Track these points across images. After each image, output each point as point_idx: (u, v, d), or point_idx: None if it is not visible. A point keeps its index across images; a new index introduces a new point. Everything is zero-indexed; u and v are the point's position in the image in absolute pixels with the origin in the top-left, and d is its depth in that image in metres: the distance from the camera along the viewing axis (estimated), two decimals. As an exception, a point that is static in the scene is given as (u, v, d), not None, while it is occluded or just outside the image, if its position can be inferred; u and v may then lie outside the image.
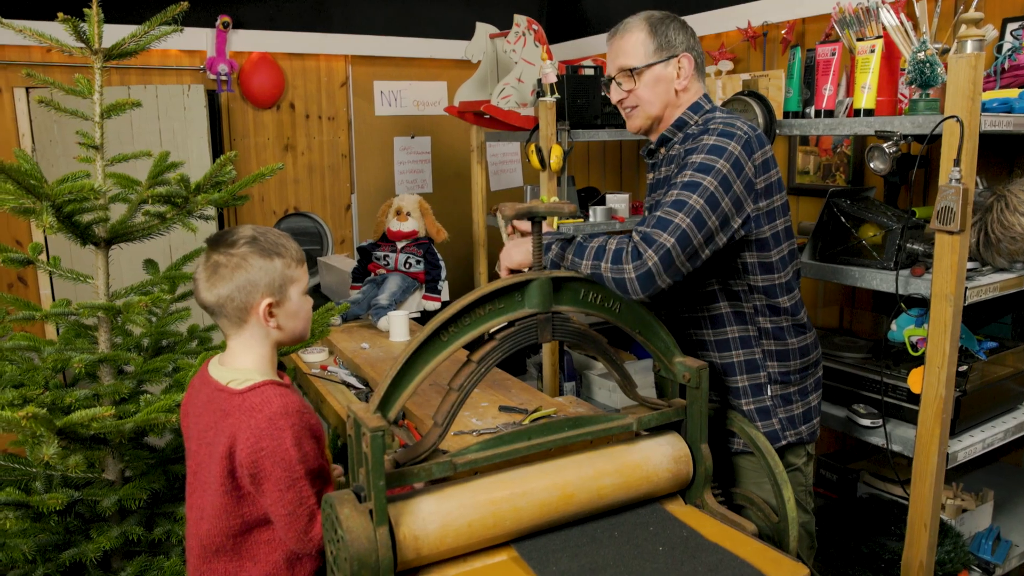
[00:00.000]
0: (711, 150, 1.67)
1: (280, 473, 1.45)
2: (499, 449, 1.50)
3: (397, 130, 4.70)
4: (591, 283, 1.58)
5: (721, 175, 1.63)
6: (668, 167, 1.83)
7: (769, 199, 1.72)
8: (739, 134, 1.69)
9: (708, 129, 1.73)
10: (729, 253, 1.74)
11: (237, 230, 1.57)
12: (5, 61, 3.69)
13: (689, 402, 1.69)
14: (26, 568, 1.99)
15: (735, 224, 1.66)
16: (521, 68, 3.52)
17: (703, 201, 1.60)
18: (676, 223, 1.58)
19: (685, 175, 1.65)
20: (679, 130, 1.85)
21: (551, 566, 1.46)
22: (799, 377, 1.85)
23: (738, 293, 1.79)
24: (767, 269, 1.76)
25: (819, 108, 2.27)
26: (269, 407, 1.47)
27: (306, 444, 1.48)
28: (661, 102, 1.86)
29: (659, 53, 1.83)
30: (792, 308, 1.81)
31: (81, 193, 1.78)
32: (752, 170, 1.68)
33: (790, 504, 1.69)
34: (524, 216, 1.48)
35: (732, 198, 1.64)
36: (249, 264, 1.52)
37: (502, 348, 1.47)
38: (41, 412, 1.58)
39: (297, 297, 1.59)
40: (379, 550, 1.33)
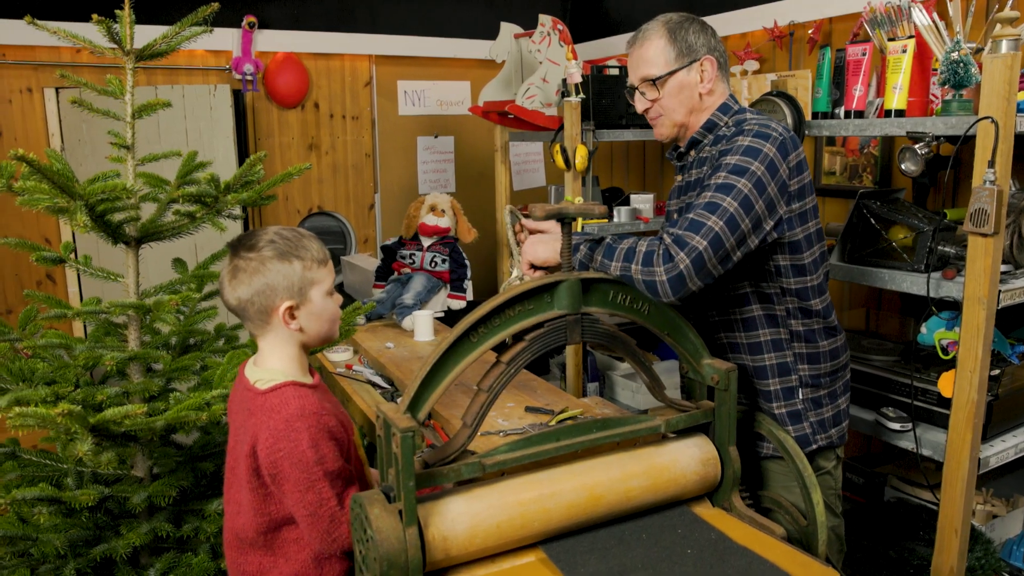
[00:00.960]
0: (746, 151, 1.65)
1: (298, 475, 1.46)
2: (528, 450, 1.50)
3: (420, 130, 4.71)
4: (620, 285, 1.57)
5: (756, 177, 1.61)
6: (699, 169, 1.82)
7: (802, 201, 1.70)
8: (774, 135, 1.67)
9: (743, 130, 1.71)
10: (761, 256, 1.73)
11: (259, 232, 1.57)
12: (36, 62, 3.74)
13: (717, 404, 1.68)
14: (57, 563, 2.02)
15: (767, 226, 1.65)
16: (546, 68, 3.52)
17: (737, 204, 1.58)
18: (709, 225, 1.56)
19: (719, 176, 1.63)
20: (709, 132, 1.83)
21: (579, 568, 1.45)
22: (829, 380, 1.84)
23: (770, 296, 1.78)
24: (799, 272, 1.75)
25: (849, 109, 2.25)
26: (286, 409, 1.48)
27: (324, 446, 1.48)
28: (686, 108, 1.82)
29: (680, 59, 1.79)
30: (824, 311, 1.80)
31: (114, 192, 1.79)
32: (786, 172, 1.66)
33: (819, 508, 1.67)
34: (554, 217, 1.47)
35: (766, 200, 1.62)
36: (267, 268, 1.52)
37: (531, 349, 1.47)
38: (76, 409, 1.60)
39: (319, 298, 1.58)
40: (408, 550, 1.33)
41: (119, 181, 1.83)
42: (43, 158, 1.89)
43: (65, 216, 1.82)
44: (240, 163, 3.96)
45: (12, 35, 3.65)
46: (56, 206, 1.76)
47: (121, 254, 2.11)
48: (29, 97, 3.78)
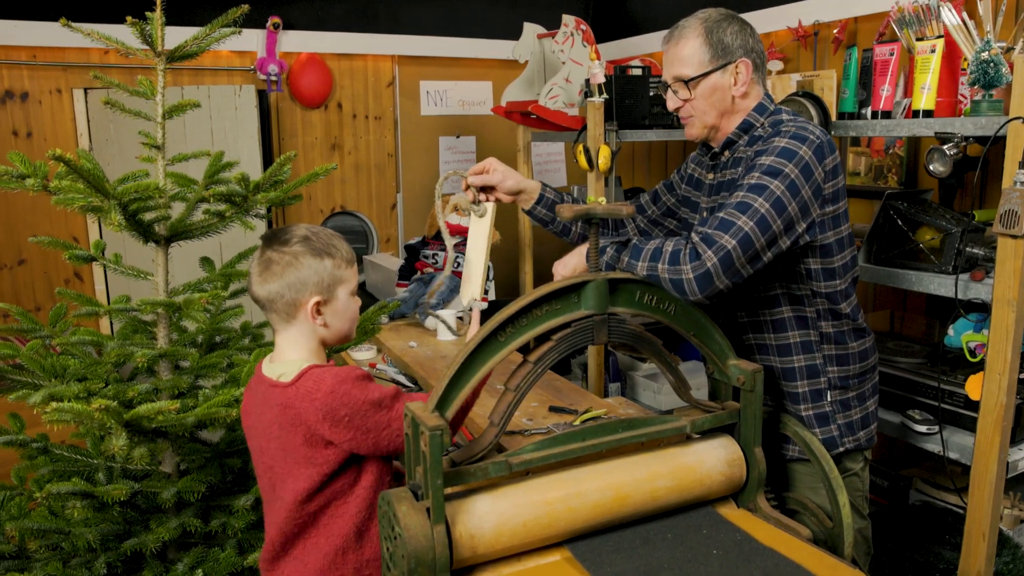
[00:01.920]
0: (781, 153, 1.64)
1: (371, 418, 1.50)
2: (554, 450, 1.51)
3: (442, 130, 4.73)
4: (647, 285, 1.58)
5: (789, 179, 1.60)
6: (734, 169, 1.80)
7: (835, 205, 1.70)
8: (811, 138, 1.65)
9: (780, 132, 1.70)
10: (792, 258, 1.72)
11: (291, 228, 1.61)
12: (65, 63, 3.79)
13: (743, 405, 1.68)
14: (88, 556, 2.05)
15: (799, 229, 1.64)
16: (569, 68, 3.52)
17: (768, 205, 1.58)
18: (739, 225, 1.56)
19: (752, 177, 1.63)
20: (745, 133, 1.80)
21: (605, 567, 1.46)
22: (857, 382, 1.83)
23: (801, 298, 1.77)
24: (830, 275, 1.74)
25: (876, 109, 2.24)
26: (324, 384, 1.50)
27: (372, 388, 1.53)
28: (717, 111, 1.79)
29: (715, 61, 1.76)
30: (852, 312, 1.79)
31: (146, 192, 1.82)
32: (822, 175, 1.65)
33: (845, 510, 1.67)
34: (581, 218, 1.48)
35: (799, 203, 1.61)
36: (300, 263, 1.55)
37: (558, 349, 1.48)
38: (113, 405, 1.63)
39: (345, 297, 1.62)
40: (436, 548, 1.34)
41: (151, 181, 1.86)
42: (74, 158, 1.92)
43: (99, 215, 1.84)
44: (265, 163, 3.99)
45: (43, 37, 3.69)
46: (90, 205, 1.79)
47: (146, 253, 2.14)
48: (59, 98, 3.83)
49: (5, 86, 3.73)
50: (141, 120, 2.16)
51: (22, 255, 3.86)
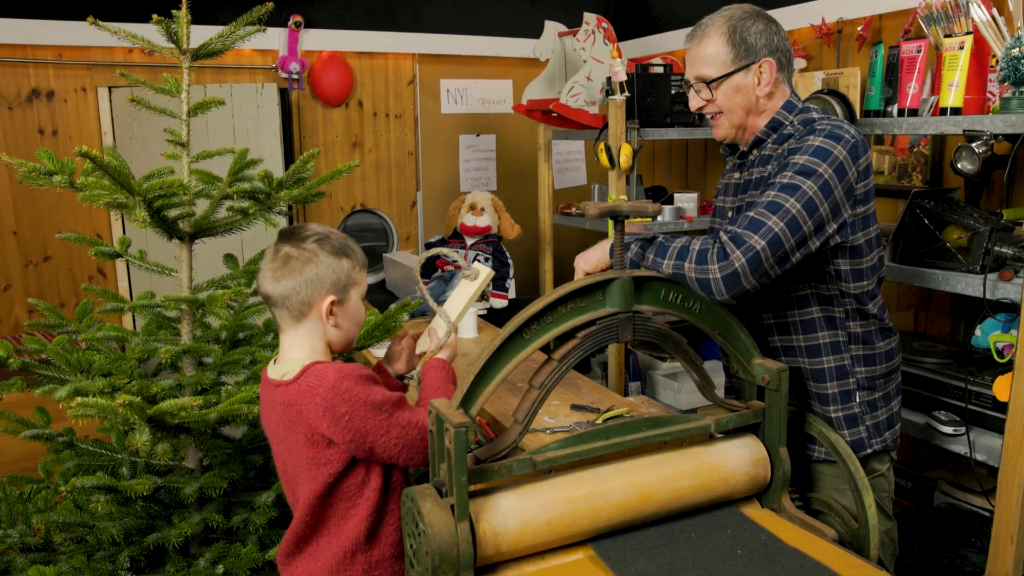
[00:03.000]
0: (816, 152, 1.61)
1: (372, 420, 1.48)
2: (578, 448, 1.50)
3: (462, 128, 4.73)
4: (672, 283, 1.57)
5: (822, 180, 1.58)
6: (762, 168, 1.77)
7: (866, 205, 1.68)
8: (847, 138, 1.63)
9: (815, 130, 1.67)
10: (822, 259, 1.70)
11: (308, 226, 1.60)
12: (90, 62, 3.82)
13: (768, 405, 1.67)
14: (112, 550, 2.07)
15: (830, 230, 1.62)
16: (590, 66, 3.51)
17: (800, 206, 1.55)
18: (769, 226, 1.54)
19: (784, 176, 1.60)
20: (773, 131, 1.77)
21: (629, 566, 1.45)
22: (883, 382, 1.81)
23: (830, 298, 1.75)
24: (858, 276, 1.72)
25: (903, 107, 2.22)
26: (326, 380, 1.48)
27: (375, 391, 1.50)
28: (742, 110, 1.76)
29: (738, 61, 1.72)
30: (878, 312, 1.77)
31: (171, 189, 1.83)
32: (855, 175, 1.62)
33: (871, 511, 1.65)
34: (607, 215, 1.47)
35: (831, 203, 1.59)
36: (319, 260, 1.54)
37: (583, 347, 1.47)
38: (136, 400, 1.64)
39: (356, 300, 1.62)
40: (460, 545, 1.34)
41: (176, 178, 1.87)
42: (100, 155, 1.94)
43: (124, 212, 1.86)
44: (286, 161, 4.01)
45: (68, 36, 3.73)
46: (116, 201, 1.80)
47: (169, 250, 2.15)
48: (83, 96, 3.86)
49: (31, 85, 3.77)
50: (164, 118, 2.17)
51: (47, 252, 3.90)
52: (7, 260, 3.83)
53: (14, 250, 3.84)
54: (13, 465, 2.91)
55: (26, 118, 3.78)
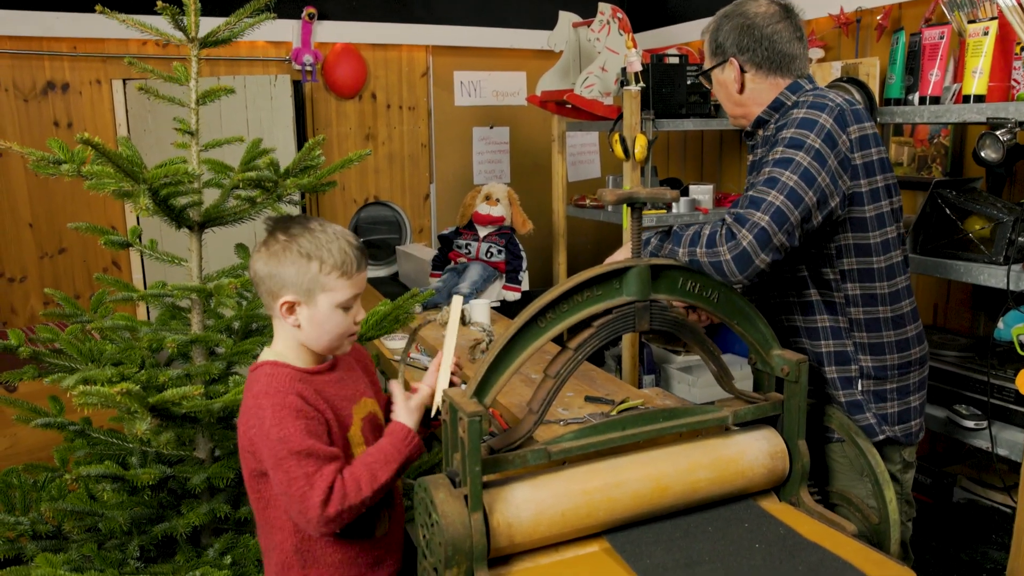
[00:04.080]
0: (801, 124, 1.63)
1: (267, 451, 1.41)
2: (593, 438, 1.48)
3: (476, 120, 4.71)
4: (689, 271, 1.54)
5: (814, 150, 1.58)
6: (764, 148, 1.78)
7: (870, 177, 1.66)
8: (831, 106, 1.64)
9: (798, 103, 1.70)
10: (823, 236, 1.69)
11: (302, 219, 1.50)
12: (104, 54, 3.82)
13: (787, 396, 1.64)
14: (123, 539, 2.06)
15: (833, 203, 1.62)
16: (605, 57, 3.48)
17: (796, 177, 1.56)
18: (769, 200, 1.53)
19: (776, 152, 1.62)
20: (776, 111, 1.79)
21: (645, 559, 1.43)
22: (898, 373, 1.76)
23: (829, 282, 1.73)
24: (864, 251, 1.69)
25: (924, 94, 2.18)
26: (256, 386, 1.46)
27: (289, 425, 1.40)
28: (731, 102, 1.86)
29: (714, 58, 1.85)
30: (891, 296, 1.73)
31: (176, 177, 1.81)
32: (847, 144, 1.62)
33: (892, 505, 1.62)
34: (624, 201, 1.45)
35: (828, 173, 1.59)
36: (286, 258, 1.46)
37: (599, 336, 1.45)
38: (135, 388, 1.62)
39: (327, 308, 1.48)
40: (473, 536, 1.32)
41: (181, 165, 1.85)
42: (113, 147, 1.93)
43: (130, 200, 1.85)
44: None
45: (82, 28, 3.73)
46: (121, 190, 1.79)
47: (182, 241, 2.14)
48: (98, 89, 3.86)
49: (47, 77, 3.77)
50: (178, 110, 2.16)
51: (62, 244, 3.91)
52: (23, 252, 3.84)
53: (30, 242, 3.85)
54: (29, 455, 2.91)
55: (41, 110, 3.79)
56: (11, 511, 2.09)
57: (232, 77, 3.89)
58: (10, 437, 3.03)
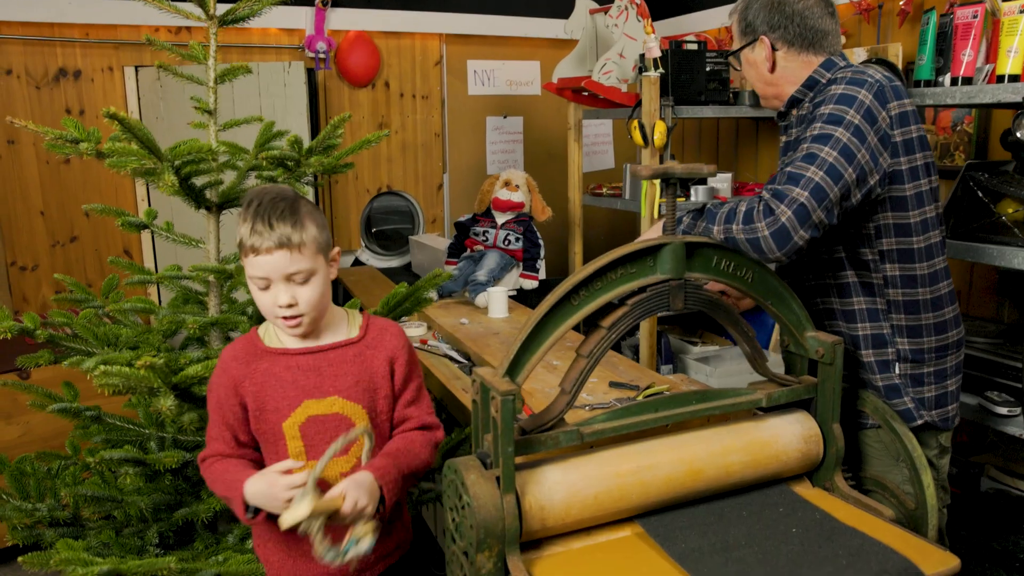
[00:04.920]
0: (839, 99, 1.58)
1: None
2: (626, 420, 1.44)
3: (489, 110, 4.67)
4: (724, 250, 1.50)
5: (853, 125, 1.54)
6: (800, 127, 1.75)
7: (910, 155, 1.62)
8: (870, 82, 1.60)
9: (836, 79, 1.66)
10: (861, 216, 1.65)
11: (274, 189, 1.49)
12: (117, 40, 3.79)
13: (821, 379, 1.60)
14: (140, 526, 2.03)
15: (872, 180, 1.58)
16: (623, 43, 3.43)
17: (836, 153, 1.52)
18: (808, 176, 1.50)
19: (814, 128, 1.57)
20: (810, 89, 1.75)
21: (680, 543, 1.39)
22: (935, 357, 1.72)
23: (866, 263, 1.69)
24: (903, 231, 1.65)
25: (956, 75, 2.13)
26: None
27: (215, 388, 1.52)
28: (762, 82, 1.82)
29: (743, 37, 1.82)
30: (930, 277, 1.69)
31: (199, 154, 1.78)
32: (887, 120, 1.58)
33: (929, 490, 1.57)
34: (660, 176, 1.41)
35: (868, 150, 1.55)
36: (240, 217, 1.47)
37: (633, 315, 1.41)
38: (159, 363, 1.60)
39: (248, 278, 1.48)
40: (506, 518, 1.28)
41: (204, 142, 1.82)
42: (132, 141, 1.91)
43: (151, 179, 1.82)
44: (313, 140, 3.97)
45: (95, 14, 3.70)
46: (143, 168, 1.76)
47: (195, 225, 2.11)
48: (110, 76, 3.83)
49: (59, 64, 3.75)
50: (190, 101, 2.14)
51: (74, 232, 3.89)
52: (34, 240, 3.81)
53: (41, 231, 3.82)
54: (42, 443, 2.89)
55: (53, 98, 3.76)
56: (26, 498, 2.06)
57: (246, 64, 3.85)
58: (23, 425, 3.01)
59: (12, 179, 3.73)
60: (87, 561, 1.71)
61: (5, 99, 3.67)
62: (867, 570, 1.30)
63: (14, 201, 3.75)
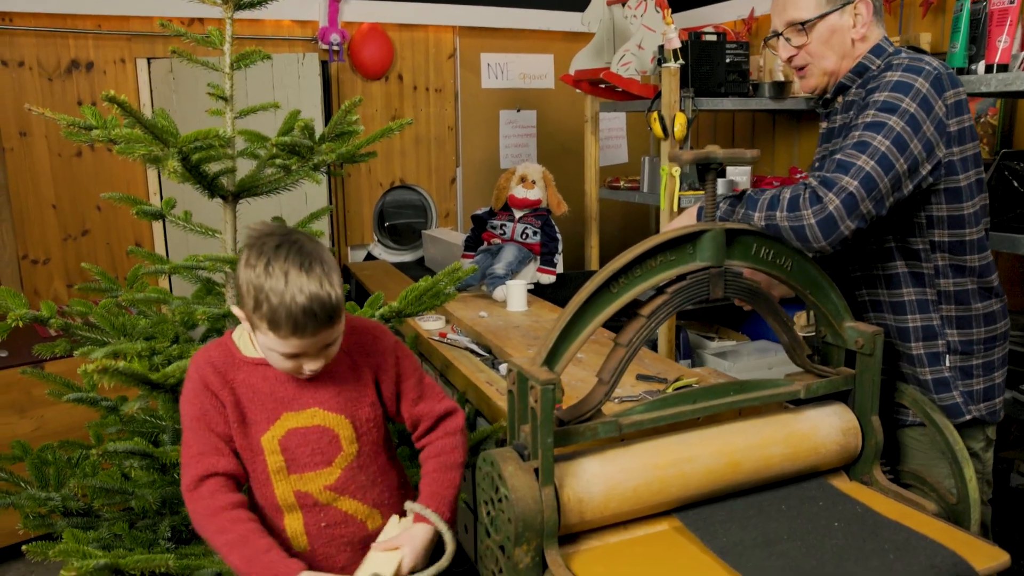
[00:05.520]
0: (895, 87, 1.52)
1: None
2: (664, 411, 1.41)
3: (503, 103, 4.63)
4: (765, 237, 1.46)
5: (908, 114, 1.48)
6: (845, 115, 1.68)
7: (963, 145, 1.57)
8: (928, 69, 1.53)
9: (892, 65, 1.58)
10: (912, 205, 1.60)
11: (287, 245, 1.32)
12: (129, 31, 3.76)
13: (860, 370, 1.56)
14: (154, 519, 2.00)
15: (924, 170, 1.52)
16: (641, 35, 3.39)
17: (888, 142, 1.46)
18: (859, 165, 1.45)
19: (867, 115, 1.51)
20: (858, 76, 1.68)
21: (720, 537, 1.35)
22: (983, 348, 1.68)
23: (917, 252, 1.64)
24: (957, 223, 1.60)
25: (990, 63, 2.09)
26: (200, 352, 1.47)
27: (194, 398, 1.41)
28: (837, 55, 1.67)
29: (832, 1, 1.65)
30: (981, 269, 1.65)
31: (207, 140, 1.74)
32: (943, 110, 1.52)
33: (972, 484, 1.54)
34: (700, 161, 1.37)
35: (922, 140, 1.49)
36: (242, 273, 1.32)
37: (673, 303, 1.37)
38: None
39: (263, 344, 1.36)
40: (544, 511, 1.25)
41: (212, 128, 1.78)
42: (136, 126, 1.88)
43: (159, 165, 1.78)
44: (327, 134, 3.94)
45: (107, 5, 3.68)
46: (151, 154, 1.73)
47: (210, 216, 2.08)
48: (122, 68, 3.81)
49: (71, 55, 3.72)
50: (202, 92, 2.11)
51: (86, 226, 3.86)
52: (46, 234, 3.79)
53: (53, 224, 3.80)
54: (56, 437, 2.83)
55: (65, 89, 3.74)
56: (44, 487, 2.03)
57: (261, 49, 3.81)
58: (36, 419, 2.98)
59: (24, 172, 3.70)
60: (85, 554, 1.68)
61: (17, 91, 3.64)
62: (916, 564, 1.26)
63: (26, 194, 3.72)
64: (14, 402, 2.88)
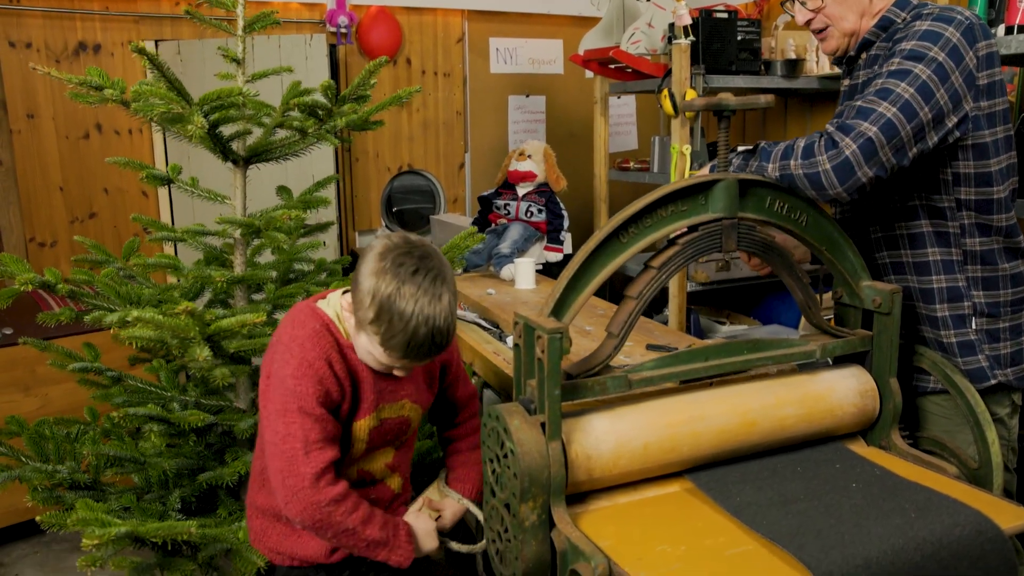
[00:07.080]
0: (924, 36, 1.46)
1: (275, 395, 1.35)
2: (675, 368, 1.37)
3: (512, 88, 4.59)
4: (779, 190, 1.42)
5: (936, 63, 1.43)
6: (869, 70, 1.62)
7: (992, 99, 1.51)
8: (959, 19, 1.48)
9: (921, 15, 1.53)
10: (937, 161, 1.54)
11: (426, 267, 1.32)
12: (137, 13, 3.74)
13: (877, 331, 1.52)
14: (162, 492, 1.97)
15: (950, 123, 1.46)
16: (651, 12, 3.35)
17: (912, 89, 1.41)
18: (880, 111, 1.39)
19: (892, 63, 1.45)
20: (883, 31, 1.61)
21: (734, 497, 1.31)
22: (1011, 311, 1.61)
23: (943, 210, 1.58)
24: (984, 181, 1.55)
25: (1011, 24, 2.03)
26: (301, 330, 1.37)
27: (307, 383, 1.34)
28: (855, 13, 1.62)
29: None
30: (1008, 229, 1.59)
31: (229, 100, 1.72)
32: (974, 61, 1.47)
33: (994, 448, 1.49)
34: (713, 108, 1.33)
35: (949, 90, 1.43)
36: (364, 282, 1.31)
37: (684, 254, 1.33)
38: (197, 309, 1.53)
39: (363, 344, 1.37)
40: (551, 466, 1.21)
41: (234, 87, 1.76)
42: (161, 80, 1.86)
43: (178, 126, 1.76)
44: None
45: (113, -15, 3.66)
46: (171, 113, 1.70)
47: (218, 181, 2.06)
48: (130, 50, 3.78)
49: (78, 37, 3.70)
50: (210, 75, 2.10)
51: (93, 208, 3.85)
52: (53, 217, 3.77)
53: (60, 207, 3.78)
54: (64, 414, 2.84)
55: (73, 71, 3.70)
56: (46, 461, 2.01)
57: (267, 37, 3.79)
58: (41, 397, 2.96)
59: (31, 154, 3.69)
60: (105, 522, 1.64)
61: (25, 73, 3.62)
62: (938, 523, 1.22)
63: (33, 177, 3.70)
64: (18, 380, 2.86)
